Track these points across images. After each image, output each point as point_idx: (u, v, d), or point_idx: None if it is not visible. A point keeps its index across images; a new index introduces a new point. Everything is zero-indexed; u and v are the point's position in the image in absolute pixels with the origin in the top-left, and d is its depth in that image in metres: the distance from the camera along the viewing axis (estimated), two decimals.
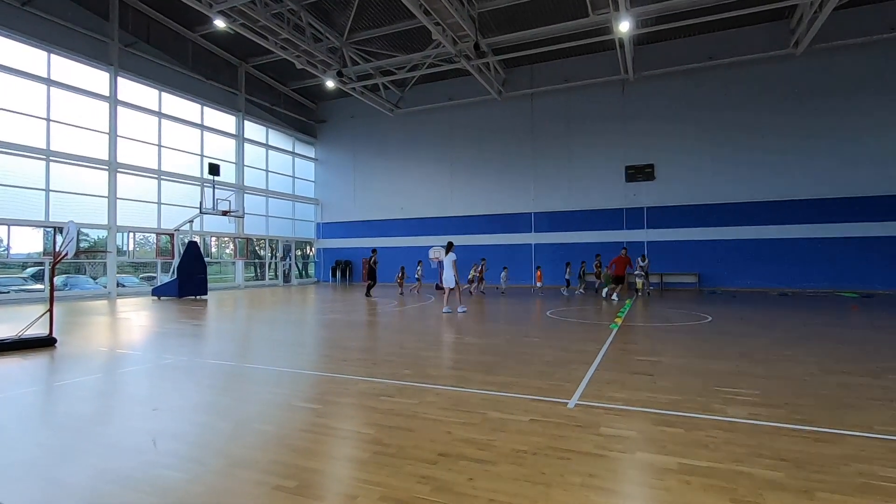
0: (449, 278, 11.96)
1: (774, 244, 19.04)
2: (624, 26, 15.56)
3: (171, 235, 18.69)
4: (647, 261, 17.47)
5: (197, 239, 19.03)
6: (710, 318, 10.44)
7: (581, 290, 18.08)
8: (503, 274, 19.63)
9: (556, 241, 22.42)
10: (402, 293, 18.96)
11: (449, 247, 12.25)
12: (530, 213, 23.04)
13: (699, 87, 20.05)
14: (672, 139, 20.52)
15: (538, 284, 18.94)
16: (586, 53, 21.04)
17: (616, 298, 14.95)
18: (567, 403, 4.34)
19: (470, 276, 18.30)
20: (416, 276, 19.84)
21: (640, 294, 16.81)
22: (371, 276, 18.02)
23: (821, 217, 18.43)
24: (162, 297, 16.54)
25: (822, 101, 18.44)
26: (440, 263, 22.38)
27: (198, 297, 16.90)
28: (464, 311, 11.75)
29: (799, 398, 4.46)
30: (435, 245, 23.36)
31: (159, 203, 19.70)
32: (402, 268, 20.50)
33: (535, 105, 22.91)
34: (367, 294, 17.55)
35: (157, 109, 19.70)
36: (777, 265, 18.99)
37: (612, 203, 21.49)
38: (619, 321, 9.85)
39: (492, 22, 18.40)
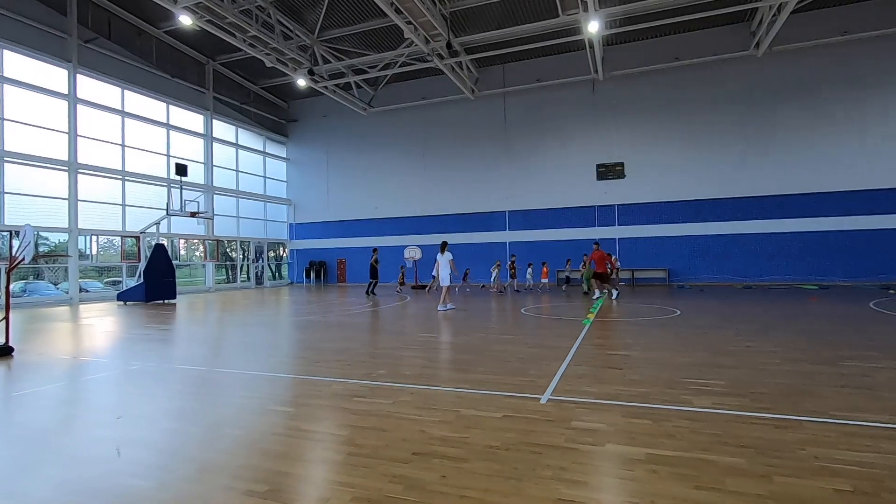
0: (444, 277, 12.29)
1: (739, 239, 19.70)
2: (593, 27, 15.83)
3: (137, 238, 18.11)
4: (614, 259, 17.61)
5: (164, 241, 18.50)
6: (678, 312, 10.74)
7: (516, 288, 18.53)
8: (495, 272, 19.26)
9: (531, 238, 22.67)
10: (399, 291, 19.36)
11: (444, 246, 12.56)
12: (504, 212, 23.22)
13: (666, 87, 20.56)
14: (641, 138, 20.99)
15: (544, 281, 18.82)
16: (557, 53, 21.33)
17: (601, 294, 14.33)
18: (540, 399, 4.41)
19: (494, 275, 18.48)
20: (433, 273, 18.95)
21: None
22: (373, 275, 18.08)
23: (781, 213, 19.15)
24: (128, 302, 16.03)
25: (781, 101, 19.16)
26: (416, 263, 22.38)
27: (166, 300, 16.44)
28: (452, 309, 12.20)
29: (761, 387, 4.64)
30: (410, 245, 23.35)
31: (124, 205, 19.07)
32: (403, 267, 20.39)
33: (507, 104, 23.10)
34: (370, 292, 17.83)
35: (119, 108, 19.05)
36: (741, 259, 19.66)
37: (584, 201, 21.85)
38: (591, 317, 10.03)
39: (464, 21, 18.46)
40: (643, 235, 20.92)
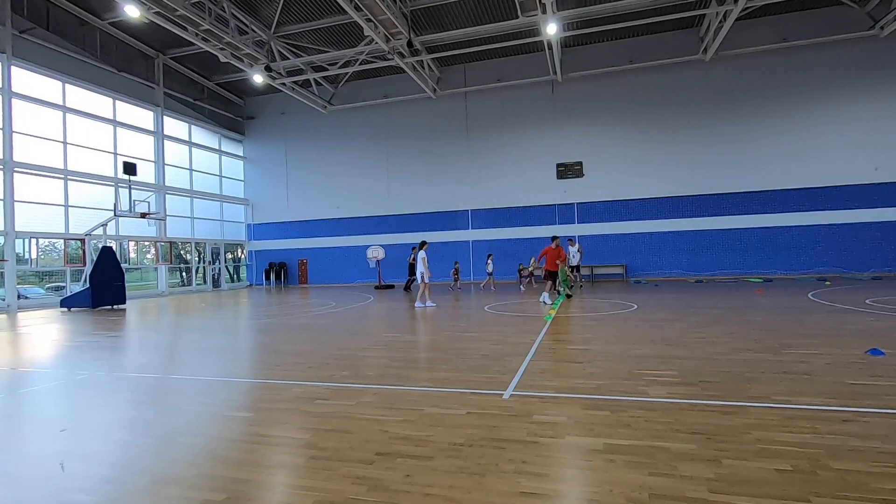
0: (421, 274, 12.83)
1: (691, 235, 20.59)
2: (551, 29, 16.14)
3: (82, 241, 17.14)
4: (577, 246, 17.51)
5: (112, 244, 17.61)
6: (635, 307, 11.11)
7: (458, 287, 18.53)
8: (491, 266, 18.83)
9: (493, 237, 22.91)
10: (457, 288, 18.71)
11: (422, 245, 13.10)
12: (467, 211, 23.37)
13: (622, 89, 21.22)
14: (598, 138, 21.59)
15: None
16: (518, 54, 21.63)
17: (547, 302, 12.03)
18: (503, 395, 4.47)
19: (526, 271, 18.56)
20: (487, 270, 18.82)
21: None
22: (412, 272, 18.59)
23: (730, 210, 20.15)
24: (73, 309, 15.16)
25: (729, 103, 20.14)
26: (379, 263, 22.21)
27: (114, 306, 15.65)
28: (433, 306, 12.53)
29: (711, 376, 4.87)
30: (373, 244, 23.15)
31: (66, 206, 18.01)
32: (457, 263, 19.88)
33: (469, 103, 23.24)
34: (406, 288, 19.06)
35: (60, 103, 17.97)
36: (693, 255, 20.55)
37: (545, 199, 22.27)
38: (552, 313, 10.25)
39: (425, 20, 18.43)
40: (601, 233, 21.53)
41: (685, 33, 19.95)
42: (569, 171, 21.92)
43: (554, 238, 13.12)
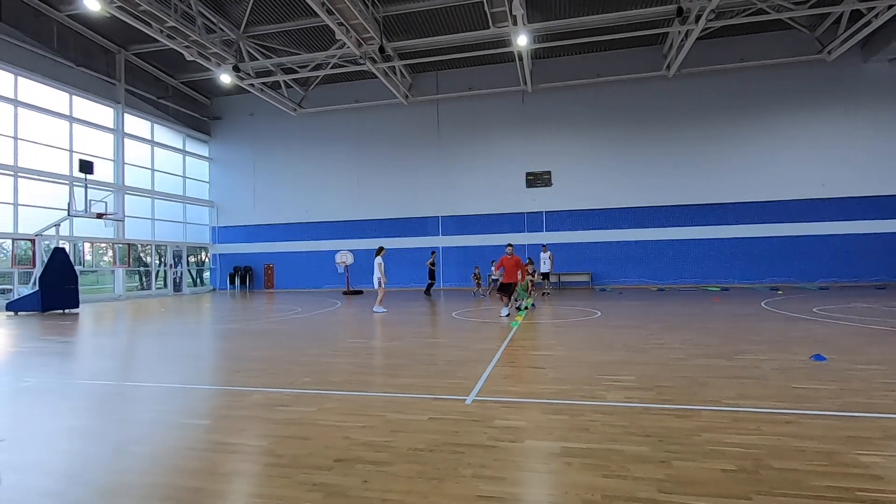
0: (376, 280, 13.01)
1: (654, 245, 21.24)
2: (522, 40, 16.46)
3: (33, 241, 16.32)
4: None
5: (65, 245, 16.82)
6: (599, 313, 11.37)
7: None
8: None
9: (463, 244, 23.03)
10: (481, 294, 18.62)
11: (379, 251, 13.31)
12: (438, 217, 23.43)
13: (589, 102, 21.79)
14: (566, 148, 22.07)
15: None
16: (489, 63, 21.93)
17: (504, 316, 10.77)
18: (465, 400, 4.50)
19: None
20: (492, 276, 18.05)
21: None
22: (431, 277, 19.13)
23: (690, 221, 20.91)
24: (20, 313, 14.38)
25: (690, 119, 20.96)
26: (347, 268, 21.98)
27: (66, 310, 14.94)
28: (383, 311, 12.74)
29: (666, 381, 5.03)
30: (342, 249, 22.91)
31: (16, 204, 17.11)
32: (477, 268, 19.69)
33: (441, 111, 23.38)
34: (427, 293, 18.96)
35: (12, 96, 17.11)
36: (656, 264, 21.20)
37: (514, 207, 22.57)
38: (519, 319, 10.37)
39: (397, 26, 18.49)
40: (569, 241, 21.95)
41: (650, 50, 20.69)
42: (538, 180, 22.30)
43: (509, 246, 11.47)
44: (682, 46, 17.72)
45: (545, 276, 17.47)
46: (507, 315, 10.81)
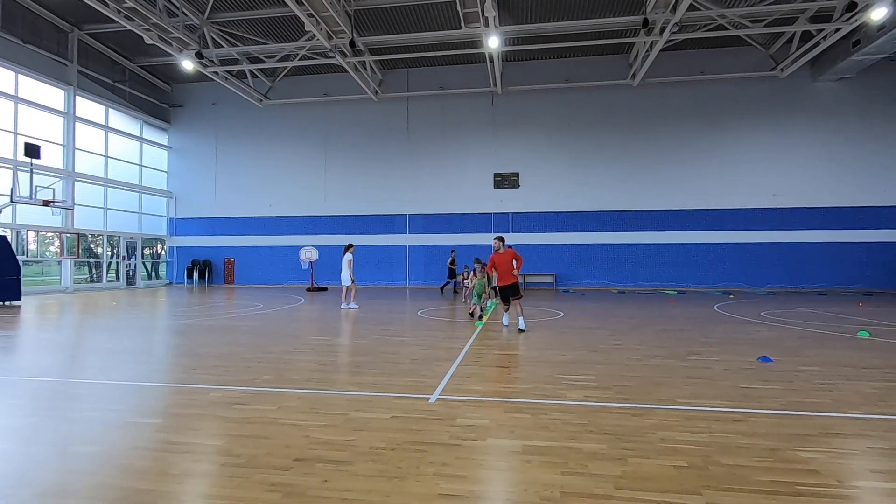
0: (346, 277, 13.17)
1: (615, 249, 21.84)
2: (493, 42, 16.59)
3: None
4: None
5: (7, 233, 15.81)
6: (562, 314, 11.60)
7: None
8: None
9: (430, 242, 23.02)
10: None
11: (348, 248, 13.53)
12: (405, 215, 23.33)
13: (557, 106, 22.19)
14: (534, 151, 22.40)
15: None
16: (460, 63, 21.99)
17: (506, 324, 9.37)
18: (429, 398, 4.50)
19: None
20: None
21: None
22: (451, 276, 19.21)
23: (649, 226, 21.61)
24: None
25: (652, 127, 21.66)
26: (312, 264, 21.59)
27: (6, 302, 14.05)
28: (356, 308, 12.79)
29: (624, 380, 5.18)
30: (307, 245, 22.48)
31: None
32: (466, 268, 16.99)
33: (411, 108, 23.28)
34: (456, 291, 18.83)
35: None
36: (617, 267, 21.81)
37: (482, 207, 22.73)
38: (484, 319, 10.45)
39: (369, 21, 18.28)
40: (534, 242, 22.29)
41: (617, 58, 21.25)
42: (505, 181, 22.54)
43: (496, 239, 9.45)
44: (647, 56, 18.30)
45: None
46: (507, 325, 9.25)
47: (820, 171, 20.60)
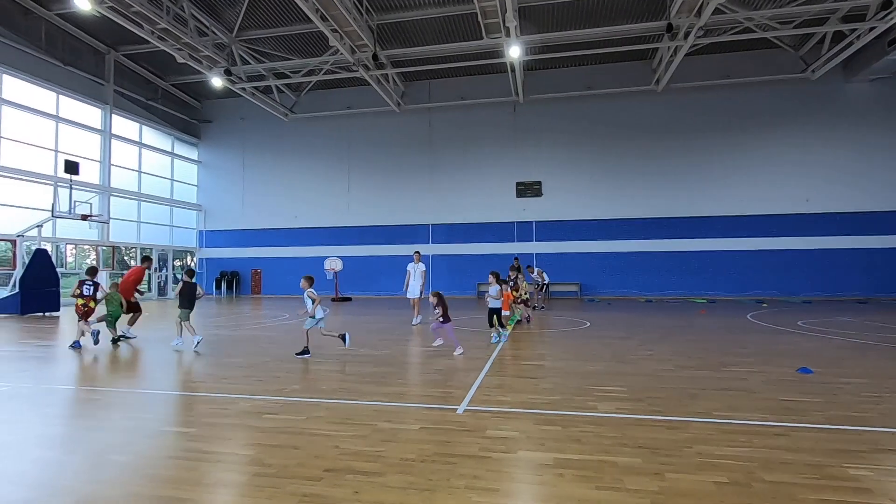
0: (415, 288, 11.66)
1: (642, 257, 21.43)
2: (514, 51, 16.62)
3: (13, 242, 15.95)
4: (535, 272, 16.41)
5: (48, 247, 16.47)
6: (588, 324, 11.40)
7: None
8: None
9: (453, 252, 23.02)
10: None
11: (417, 256, 12.01)
12: (428, 225, 23.42)
13: (580, 114, 22.04)
14: (557, 159, 22.26)
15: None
16: (482, 74, 22.09)
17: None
18: (456, 410, 4.45)
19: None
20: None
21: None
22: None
23: (678, 233, 21.16)
24: None
25: (678, 132, 21.29)
26: (336, 274, 21.82)
27: (46, 313, 14.59)
28: (420, 323, 11.41)
29: (656, 392, 5.04)
30: (331, 256, 22.75)
31: None
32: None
33: (432, 119, 23.46)
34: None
35: None
36: (644, 275, 21.38)
37: (504, 217, 22.65)
38: (509, 329, 10.34)
39: (391, 34, 18.57)
40: (558, 251, 22.06)
41: (639, 64, 21.02)
42: (528, 189, 22.43)
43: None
44: (671, 62, 18.05)
45: (540, 288, 16.34)
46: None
47: (855, 173, 19.87)
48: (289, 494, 2.76)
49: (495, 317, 8.65)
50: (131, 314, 9.44)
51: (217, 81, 19.46)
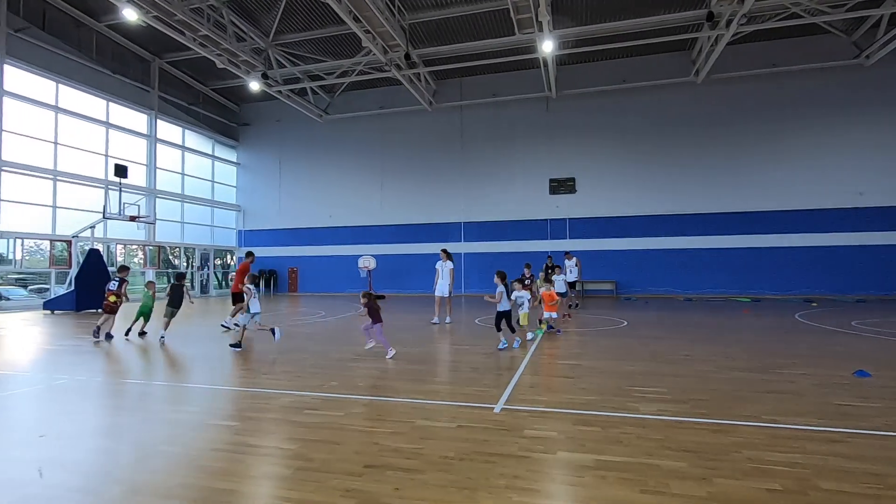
0: (443, 287, 11.45)
1: (680, 254, 20.77)
2: (547, 46, 16.38)
3: (69, 243, 16.89)
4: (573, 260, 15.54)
5: (99, 247, 17.35)
6: (625, 323, 11.14)
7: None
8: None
9: (485, 250, 22.95)
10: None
11: (446, 254, 11.71)
12: (460, 223, 23.42)
13: (614, 108, 21.53)
14: (591, 155, 21.83)
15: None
16: (513, 70, 21.88)
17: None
18: (493, 408, 4.43)
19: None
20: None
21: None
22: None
23: (719, 230, 20.39)
24: (56, 311, 14.86)
25: (718, 125, 20.50)
26: (370, 273, 22.12)
27: (99, 310, 15.35)
28: (449, 322, 11.17)
29: (700, 393, 4.87)
30: (365, 254, 23.07)
31: (54, 206, 17.76)
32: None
33: (464, 117, 23.42)
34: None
35: (53, 103, 17.81)
36: (683, 273, 20.72)
37: (537, 214, 22.40)
38: (543, 327, 10.22)
39: (422, 33, 18.63)
40: (592, 248, 21.64)
41: (678, 55, 20.35)
42: (561, 186, 22.11)
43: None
44: (712, 51, 17.39)
45: (572, 285, 15.56)
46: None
47: None
48: (331, 489, 2.81)
49: (504, 321, 7.73)
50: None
51: (254, 85, 20.02)
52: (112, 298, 9.16)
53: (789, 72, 19.32)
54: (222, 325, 10.48)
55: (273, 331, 8.20)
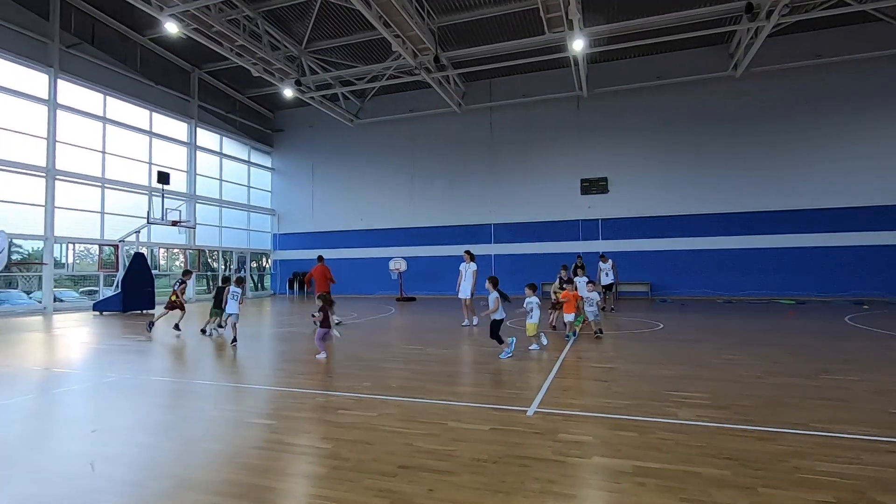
0: (466, 289, 11.40)
1: (719, 254, 20.05)
2: (578, 45, 16.14)
3: (116, 247, 17.71)
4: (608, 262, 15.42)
5: (144, 250, 18.12)
6: (661, 326, 10.84)
7: None
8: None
9: (516, 251, 22.77)
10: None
11: (469, 256, 11.76)
12: (490, 225, 23.32)
13: (648, 105, 21.01)
14: (624, 154, 21.35)
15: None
16: (543, 70, 21.65)
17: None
18: (526, 411, 4.38)
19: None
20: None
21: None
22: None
23: (759, 229, 19.58)
24: (104, 312, 15.60)
25: (758, 120, 19.70)
26: (401, 275, 22.29)
27: (144, 311, 16.05)
28: (475, 325, 11.05)
29: (742, 399, 4.68)
30: (396, 257, 23.26)
31: (102, 213, 18.66)
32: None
33: (493, 118, 23.34)
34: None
35: (101, 114, 18.74)
36: (721, 274, 19.98)
37: (568, 215, 22.07)
38: (577, 329, 10.05)
39: (451, 36, 18.68)
40: (626, 249, 21.14)
41: (714, 50, 19.68)
42: (593, 186, 21.72)
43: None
44: (752, 44, 16.74)
45: (608, 287, 15.23)
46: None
47: None
48: (366, 489, 2.84)
49: (494, 329, 7.32)
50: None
51: (288, 92, 20.52)
52: (172, 297, 10.69)
53: (834, 63, 18.33)
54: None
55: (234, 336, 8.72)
